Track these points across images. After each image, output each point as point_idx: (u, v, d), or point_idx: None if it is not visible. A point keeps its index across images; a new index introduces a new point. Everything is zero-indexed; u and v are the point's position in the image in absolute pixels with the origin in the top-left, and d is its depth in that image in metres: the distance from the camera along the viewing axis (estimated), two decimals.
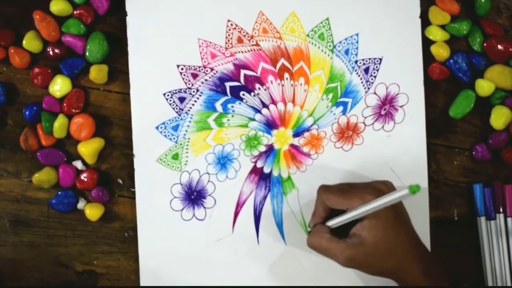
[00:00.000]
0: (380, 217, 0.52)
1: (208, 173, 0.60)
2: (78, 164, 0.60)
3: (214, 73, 0.60)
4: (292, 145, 0.61)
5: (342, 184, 0.56)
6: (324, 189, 0.55)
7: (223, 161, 0.61)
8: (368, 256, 0.52)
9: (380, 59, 0.61)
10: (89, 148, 0.60)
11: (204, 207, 0.60)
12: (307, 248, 0.61)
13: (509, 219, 0.62)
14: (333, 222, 0.54)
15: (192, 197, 0.60)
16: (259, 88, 0.60)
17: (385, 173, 0.61)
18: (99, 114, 0.61)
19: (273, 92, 0.61)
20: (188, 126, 0.60)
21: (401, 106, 0.62)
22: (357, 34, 0.61)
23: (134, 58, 0.59)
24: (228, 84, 0.60)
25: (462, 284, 0.63)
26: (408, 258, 0.53)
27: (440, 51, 0.62)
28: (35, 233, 0.61)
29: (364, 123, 0.62)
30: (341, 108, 0.61)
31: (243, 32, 0.60)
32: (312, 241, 0.55)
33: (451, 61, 0.62)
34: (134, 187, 0.60)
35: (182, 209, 0.60)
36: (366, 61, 0.61)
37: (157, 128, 0.60)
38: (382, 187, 0.54)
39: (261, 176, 0.61)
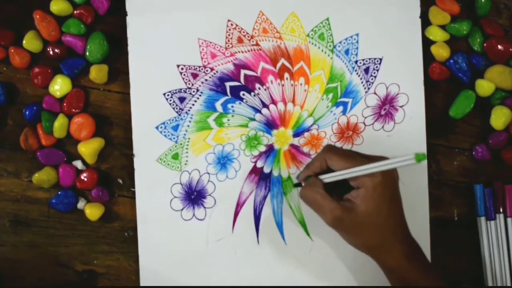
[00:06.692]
0: (377, 190, 0.51)
1: (208, 173, 0.60)
2: (78, 164, 0.60)
3: (214, 73, 0.60)
4: (292, 145, 0.61)
5: (348, 149, 0.56)
6: (329, 149, 0.54)
7: (223, 161, 0.61)
8: (356, 224, 0.52)
9: (380, 59, 0.61)
10: (89, 148, 0.60)
11: (204, 207, 0.60)
12: (307, 248, 0.61)
13: (509, 219, 0.62)
14: (328, 176, 0.54)
15: (192, 197, 0.60)
16: (259, 88, 0.60)
17: None
18: (99, 114, 0.61)
19: (273, 92, 0.61)
20: (188, 126, 0.60)
21: (401, 106, 0.62)
22: (357, 34, 0.61)
23: (134, 58, 0.59)
24: (228, 84, 0.60)
25: (462, 284, 0.63)
26: (393, 237, 0.52)
27: (440, 51, 0.62)
28: (35, 233, 0.61)
29: (364, 123, 0.62)
30: (341, 108, 0.61)
31: (243, 32, 0.60)
32: (306, 193, 0.54)
33: (451, 61, 0.62)
34: (134, 187, 0.60)
35: (182, 209, 0.60)
36: (366, 61, 0.61)
37: (157, 128, 0.60)
38: None
39: (261, 176, 0.61)
